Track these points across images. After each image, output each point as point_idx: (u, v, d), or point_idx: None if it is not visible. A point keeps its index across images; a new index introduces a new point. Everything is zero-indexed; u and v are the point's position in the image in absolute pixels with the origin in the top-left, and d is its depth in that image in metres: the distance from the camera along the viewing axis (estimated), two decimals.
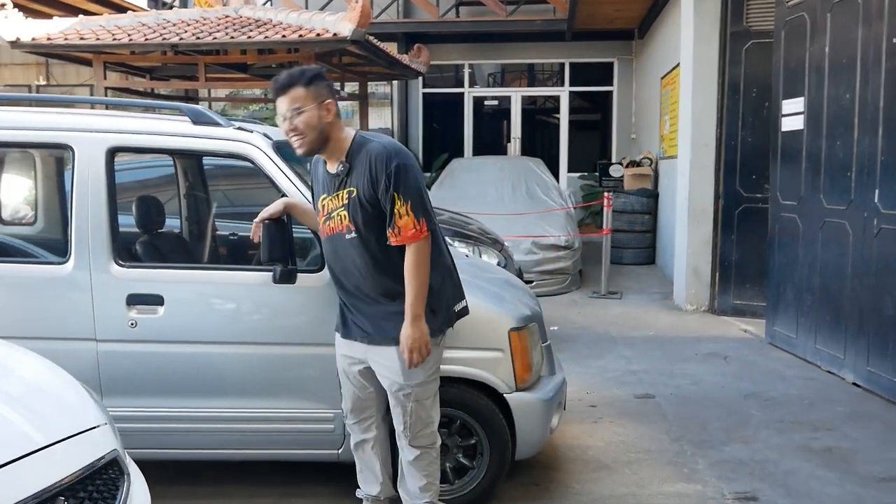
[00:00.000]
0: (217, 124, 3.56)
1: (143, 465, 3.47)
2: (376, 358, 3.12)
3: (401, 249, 2.97)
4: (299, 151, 2.98)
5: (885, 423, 4.69)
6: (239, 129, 3.57)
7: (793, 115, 6.14)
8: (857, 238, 5.33)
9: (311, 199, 3.41)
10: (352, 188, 2.95)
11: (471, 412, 3.55)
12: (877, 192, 5.11)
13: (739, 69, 7.33)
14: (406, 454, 3.22)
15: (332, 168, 3.02)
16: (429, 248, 2.98)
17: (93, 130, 3.50)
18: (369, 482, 3.43)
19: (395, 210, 2.90)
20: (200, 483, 3.95)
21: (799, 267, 6.10)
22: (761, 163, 6.92)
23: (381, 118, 14.36)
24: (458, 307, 3.22)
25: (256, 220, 3.19)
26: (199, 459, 3.77)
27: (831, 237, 5.66)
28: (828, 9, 5.67)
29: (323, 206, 3.07)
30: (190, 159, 4.53)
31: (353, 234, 2.97)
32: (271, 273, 3.34)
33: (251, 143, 3.51)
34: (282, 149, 3.59)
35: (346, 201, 2.96)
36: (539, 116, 15.57)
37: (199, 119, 3.55)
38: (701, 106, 7.58)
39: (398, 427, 3.19)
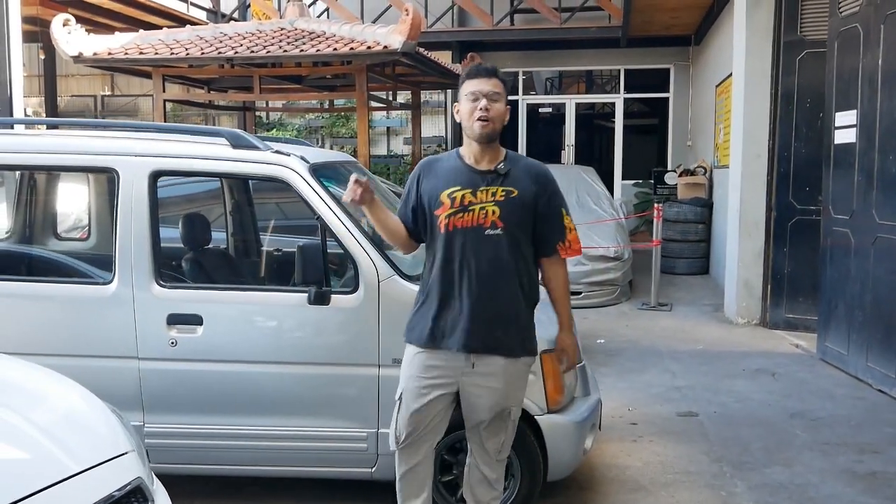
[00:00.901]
0: (256, 148, 3.66)
1: (183, 479, 3.61)
2: (487, 370, 2.97)
3: (535, 264, 3.07)
4: (482, 132, 2.94)
5: None
6: (277, 152, 3.66)
7: (845, 127, 6.00)
8: None
9: (345, 219, 3.49)
10: (511, 189, 2.95)
11: None
12: None
13: (793, 79, 7.18)
14: (487, 470, 3.15)
15: (483, 165, 2.99)
16: None
17: (136, 154, 3.64)
18: None
19: (564, 224, 3.04)
20: (240, 497, 4.06)
21: (851, 282, 5.95)
22: (815, 174, 6.77)
23: (435, 126, 14.48)
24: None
25: (345, 198, 3.01)
26: (235, 475, 3.89)
27: (883, 253, 5.51)
28: (881, 20, 5.53)
29: (454, 198, 2.95)
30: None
31: (500, 231, 2.92)
32: (306, 294, 3.43)
33: (288, 166, 3.60)
34: (318, 171, 3.68)
35: (500, 198, 2.93)
36: (594, 123, 15.45)
37: (237, 143, 3.66)
38: (753, 116, 7.45)
39: (491, 449, 3.11)
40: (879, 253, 5.58)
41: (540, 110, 14.73)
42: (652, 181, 12.71)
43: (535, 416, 3.53)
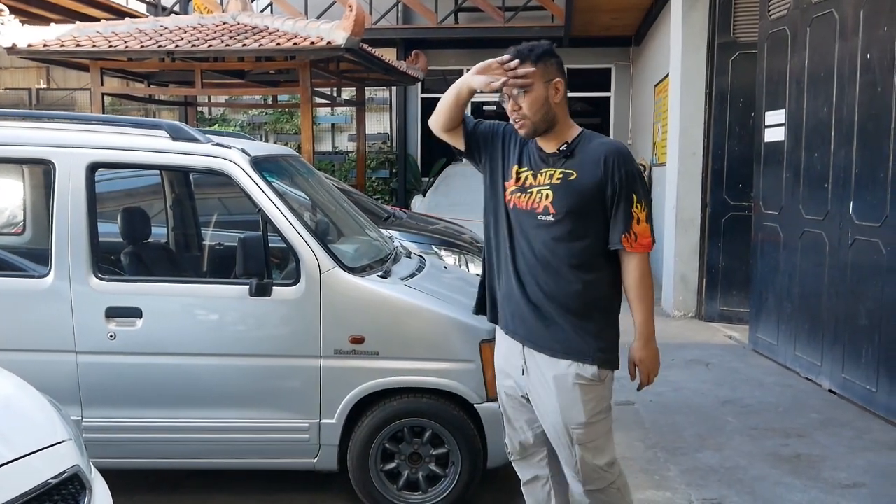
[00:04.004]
0: (196, 140, 3.65)
1: (123, 473, 3.60)
2: (540, 368, 2.75)
3: (603, 257, 2.69)
4: (522, 132, 2.71)
5: (855, 430, 4.77)
6: (218, 144, 3.66)
7: (775, 126, 6.22)
8: (833, 248, 5.41)
9: (286, 212, 3.52)
10: (571, 171, 2.64)
11: (442, 422, 3.64)
12: (852, 203, 5.18)
13: (727, 79, 7.42)
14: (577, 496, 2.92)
15: (549, 147, 2.71)
16: (649, 264, 2.70)
17: (73, 146, 3.59)
18: None
19: (633, 212, 2.61)
20: (180, 492, 4.06)
21: (780, 275, 6.18)
22: (747, 172, 7.00)
23: (380, 123, 14.48)
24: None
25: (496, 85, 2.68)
26: (177, 468, 3.88)
27: (809, 247, 5.74)
28: (808, 23, 5.75)
29: (520, 176, 2.73)
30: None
31: (551, 218, 2.64)
32: (247, 286, 3.45)
33: (229, 159, 3.60)
34: (259, 164, 3.69)
35: (557, 181, 2.65)
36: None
37: (178, 135, 3.64)
38: (689, 115, 7.67)
39: (564, 467, 2.85)
40: (806, 247, 5.81)
41: (485, 108, 14.82)
42: None
43: (475, 405, 3.60)
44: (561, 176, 2.65)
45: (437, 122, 2.92)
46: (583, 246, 2.66)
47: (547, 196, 2.65)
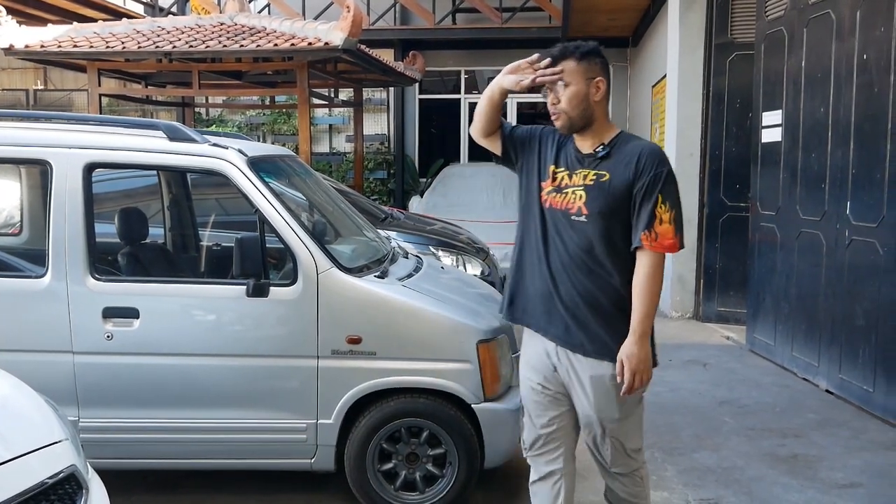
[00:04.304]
0: (193, 140, 3.65)
1: (120, 474, 3.60)
2: (574, 368, 2.77)
3: (630, 257, 2.70)
4: (558, 125, 2.75)
5: (852, 430, 4.78)
6: (214, 145, 3.66)
7: (772, 126, 6.23)
8: (830, 249, 5.42)
9: (283, 212, 3.52)
10: (604, 172, 2.68)
11: (440, 422, 3.63)
12: (848, 204, 5.19)
13: (724, 80, 7.43)
14: (608, 480, 3.00)
15: (586, 147, 2.76)
16: (664, 265, 2.71)
17: (70, 146, 3.59)
18: None
19: (656, 212, 2.62)
20: (178, 492, 4.05)
21: (777, 276, 6.19)
22: (744, 172, 7.01)
23: (378, 124, 14.48)
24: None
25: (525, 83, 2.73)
26: (174, 469, 3.88)
27: (807, 247, 5.75)
28: (804, 23, 5.76)
29: (556, 177, 2.77)
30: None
31: (583, 218, 2.68)
32: (244, 287, 3.45)
33: (226, 159, 3.60)
34: (256, 164, 3.69)
35: (590, 182, 2.69)
36: (536, 122, 15.54)
37: (175, 135, 3.64)
38: (686, 116, 7.68)
39: (605, 457, 2.90)
40: (803, 247, 5.81)
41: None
42: None
43: (472, 405, 3.60)
44: (594, 177, 2.69)
45: (476, 128, 2.99)
46: (615, 246, 2.69)
47: (580, 197, 2.70)
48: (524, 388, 2.94)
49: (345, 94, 12.54)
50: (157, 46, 8.26)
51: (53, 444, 2.19)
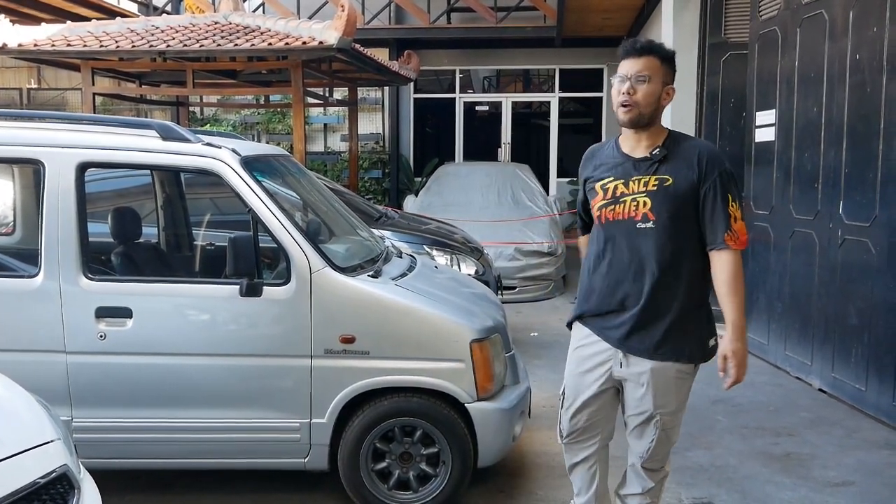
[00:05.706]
0: (186, 140, 3.65)
1: (113, 474, 3.59)
2: (637, 370, 2.84)
3: (697, 257, 2.76)
4: (624, 118, 2.75)
5: (845, 429, 4.79)
6: (208, 144, 3.66)
7: (765, 126, 6.25)
8: (823, 248, 5.43)
9: (276, 212, 3.52)
10: (667, 177, 2.71)
11: (433, 421, 3.64)
12: (841, 203, 5.21)
13: (718, 80, 7.44)
14: (632, 475, 3.12)
15: (639, 152, 2.79)
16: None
17: (63, 146, 3.58)
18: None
19: (730, 211, 2.68)
20: (171, 492, 4.04)
21: (771, 274, 6.21)
22: (738, 171, 7.01)
23: (373, 123, 14.48)
24: (711, 342, 2.90)
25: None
26: (168, 469, 3.87)
27: (800, 246, 5.77)
28: (798, 23, 5.78)
29: (606, 189, 2.80)
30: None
31: (651, 224, 2.71)
32: (238, 286, 3.45)
33: (219, 158, 3.60)
34: (250, 164, 3.69)
35: (653, 188, 2.72)
36: (531, 121, 15.68)
37: (168, 135, 3.64)
38: (680, 115, 7.67)
39: (634, 453, 3.03)
40: (796, 246, 5.83)
41: (477, 108, 14.86)
42: None
43: (465, 404, 3.61)
44: (657, 182, 2.73)
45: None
46: (681, 248, 2.74)
47: (645, 203, 2.73)
48: (569, 377, 3.03)
49: (339, 93, 12.54)
50: (151, 45, 8.24)
51: (45, 443, 2.18)
